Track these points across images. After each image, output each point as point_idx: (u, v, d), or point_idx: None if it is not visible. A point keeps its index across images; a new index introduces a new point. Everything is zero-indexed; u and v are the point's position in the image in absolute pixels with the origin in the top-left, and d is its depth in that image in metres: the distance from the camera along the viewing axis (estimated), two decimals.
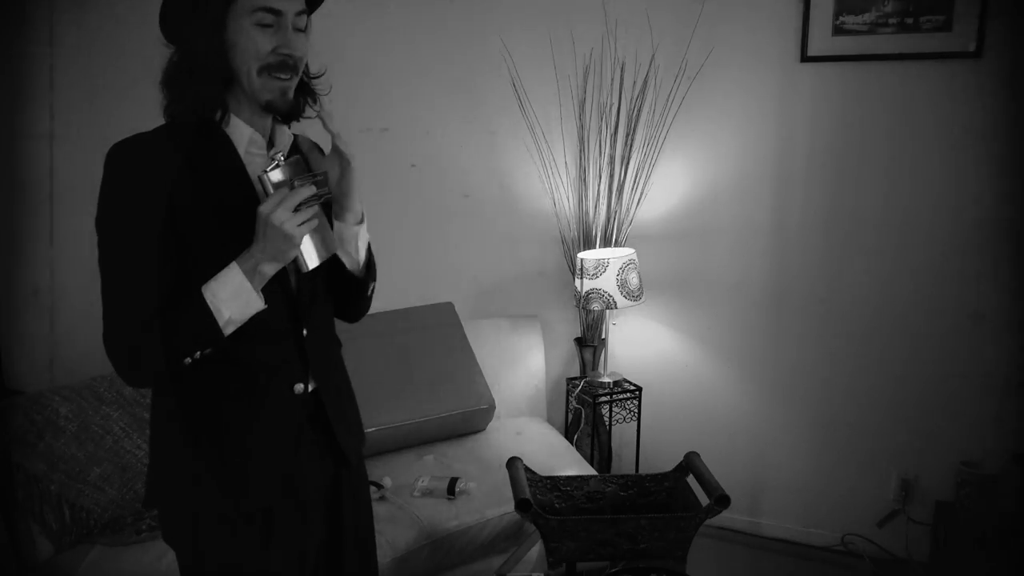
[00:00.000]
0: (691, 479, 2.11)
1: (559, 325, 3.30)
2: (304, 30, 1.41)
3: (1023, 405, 2.78)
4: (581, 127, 3.10)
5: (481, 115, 3.19)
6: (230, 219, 1.37)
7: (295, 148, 1.51)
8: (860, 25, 2.80)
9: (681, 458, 2.16)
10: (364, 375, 2.76)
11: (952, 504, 2.77)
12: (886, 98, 2.83)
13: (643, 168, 3.09)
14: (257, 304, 1.35)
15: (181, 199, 1.34)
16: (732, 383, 3.16)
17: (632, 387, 3.10)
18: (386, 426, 2.71)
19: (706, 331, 3.17)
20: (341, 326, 1.82)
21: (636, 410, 3.09)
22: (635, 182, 3.10)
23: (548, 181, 3.18)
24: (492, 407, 2.90)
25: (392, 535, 2.30)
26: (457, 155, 3.22)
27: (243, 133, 1.42)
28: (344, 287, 1.59)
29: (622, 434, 3.24)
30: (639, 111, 3.05)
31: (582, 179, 3.13)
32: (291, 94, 1.41)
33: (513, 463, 2.11)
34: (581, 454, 2.94)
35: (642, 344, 3.26)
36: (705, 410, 3.19)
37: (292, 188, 1.33)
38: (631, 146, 3.07)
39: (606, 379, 3.09)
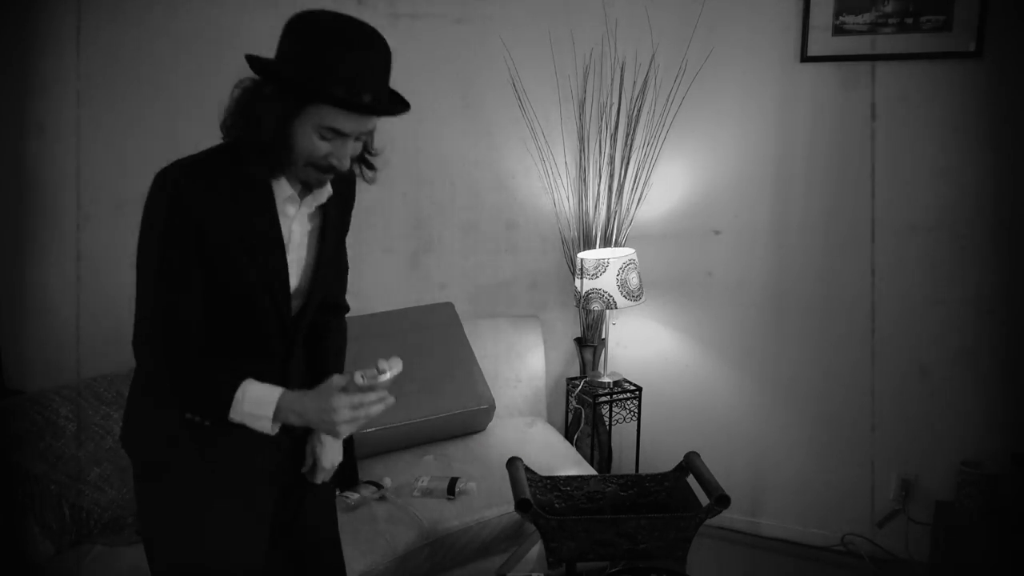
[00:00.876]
0: (691, 479, 2.11)
1: (559, 325, 3.30)
2: (368, 136, 1.54)
3: (1023, 405, 2.78)
4: (581, 127, 3.10)
5: (481, 115, 3.19)
6: (257, 261, 1.50)
7: (336, 195, 1.62)
8: (860, 25, 2.80)
9: (681, 458, 2.16)
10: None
11: (952, 504, 2.77)
12: (886, 98, 2.83)
13: (643, 168, 3.09)
14: (267, 430, 1.47)
15: (215, 234, 1.44)
16: (732, 383, 3.16)
17: (632, 387, 3.10)
18: (386, 426, 2.71)
19: (706, 331, 3.17)
20: None
21: (636, 410, 3.09)
22: (635, 182, 3.10)
23: (548, 181, 3.18)
24: (492, 407, 2.90)
25: (392, 535, 2.30)
26: (457, 155, 3.22)
27: (284, 190, 1.52)
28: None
29: (622, 434, 3.23)
30: (639, 111, 3.05)
31: (582, 179, 3.13)
32: (328, 181, 1.54)
33: (513, 463, 2.11)
34: (581, 454, 2.94)
35: (642, 344, 3.26)
36: (705, 410, 3.19)
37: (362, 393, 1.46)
38: (631, 146, 3.07)
39: (606, 379, 3.09)
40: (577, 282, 2.99)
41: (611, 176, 3.08)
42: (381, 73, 1.46)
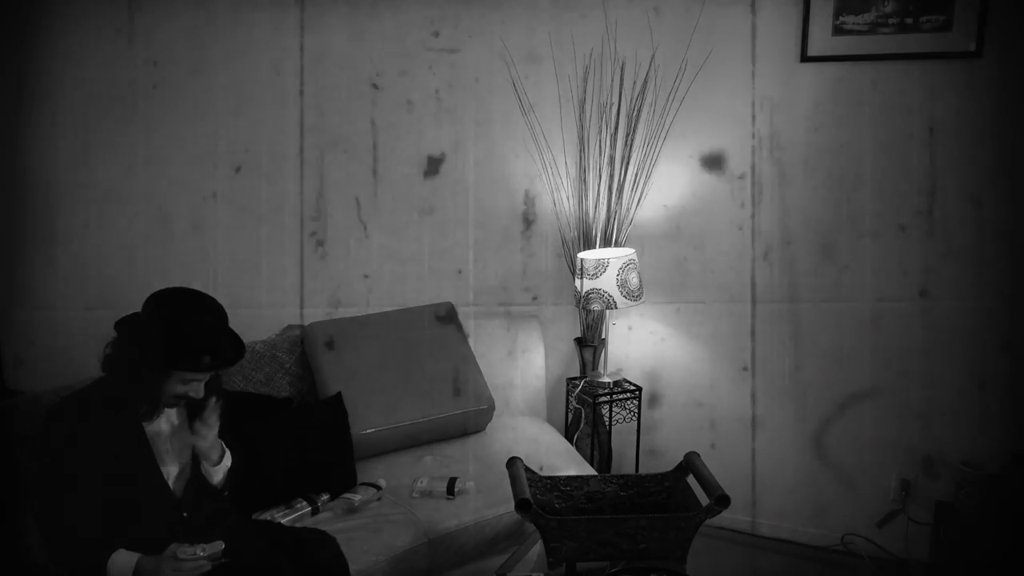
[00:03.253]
0: (691, 479, 2.11)
1: (559, 325, 3.30)
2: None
3: (1023, 405, 2.78)
4: (581, 127, 3.10)
5: (481, 115, 3.19)
6: (124, 479, 1.93)
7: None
8: (860, 25, 2.80)
9: (681, 458, 2.16)
10: (364, 375, 2.76)
11: (952, 504, 2.77)
12: (886, 98, 2.83)
13: (643, 168, 3.09)
14: None
15: (99, 453, 1.90)
16: (732, 383, 3.16)
17: (632, 387, 3.10)
18: (386, 427, 2.71)
19: (706, 331, 3.17)
20: (338, 327, 1.81)
21: (636, 410, 3.09)
22: (635, 182, 3.10)
23: (548, 181, 3.18)
24: (492, 407, 2.89)
25: (390, 534, 2.30)
26: (457, 155, 3.22)
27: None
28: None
29: (622, 434, 3.23)
30: (639, 111, 3.05)
31: (582, 179, 3.13)
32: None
33: (513, 463, 2.11)
34: (581, 454, 2.94)
35: (642, 344, 3.26)
36: (705, 410, 3.19)
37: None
38: (631, 146, 3.07)
39: (606, 379, 3.09)
40: (577, 282, 2.99)
41: (611, 176, 3.08)
42: (226, 344, 1.96)
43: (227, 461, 2.09)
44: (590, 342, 3.16)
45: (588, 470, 2.74)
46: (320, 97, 3.13)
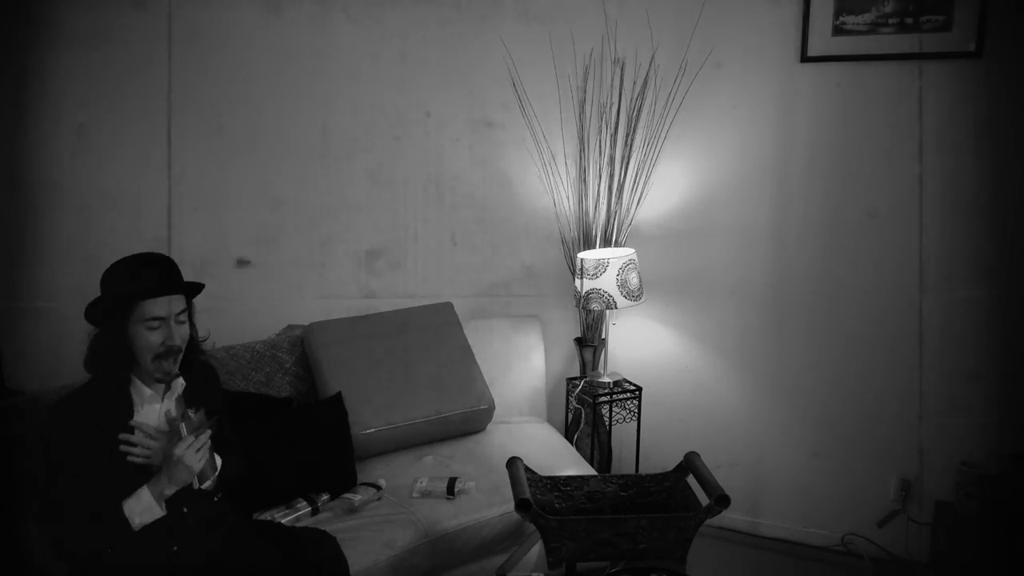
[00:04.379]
0: (691, 479, 2.11)
1: (559, 325, 3.30)
2: (186, 320, 1.98)
3: (1023, 405, 2.78)
4: (581, 127, 3.10)
5: (481, 115, 3.19)
6: (123, 464, 1.91)
7: (189, 386, 2.05)
8: (860, 25, 2.80)
9: (681, 458, 2.16)
10: (364, 375, 2.76)
11: (952, 504, 2.77)
12: (886, 98, 2.83)
13: (643, 168, 3.09)
14: (160, 514, 1.90)
15: (95, 448, 1.89)
16: (732, 383, 3.16)
17: (632, 387, 3.10)
18: (386, 426, 2.70)
19: (706, 331, 3.17)
20: (338, 327, 1.80)
21: (636, 410, 3.09)
22: (635, 182, 3.10)
23: (548, 181, 3.18)
24: (492, 407, 2.89)
25: (390, 534, 2.30)
26: (457, 155, 3.22)
27: (143, 393, 1.98)
28: None
29: (622, 434, 3.23)
30: (639, 111, 3.05)
31: (582, 179, 3.13)
32: (175, 368, 1.96)
33: (513, 463, 2.11)
34: (581, 454, 2.94)
35: (642, 344, 3.26)
36: (705, 410, 3.19)
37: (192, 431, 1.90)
38: (631, 146, 3.07)
39: (606, 379, 3.09)
40: (577, 282, 2.99)
41: (611, 176, 3.08)
42: (168, 268, 1.96)
43: (218, 466, 2.06)
44: (590, 342, 3.16)
45: (588, 470, 2.74)
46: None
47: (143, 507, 1.87)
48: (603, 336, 3.18)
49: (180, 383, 2.03)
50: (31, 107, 3.07)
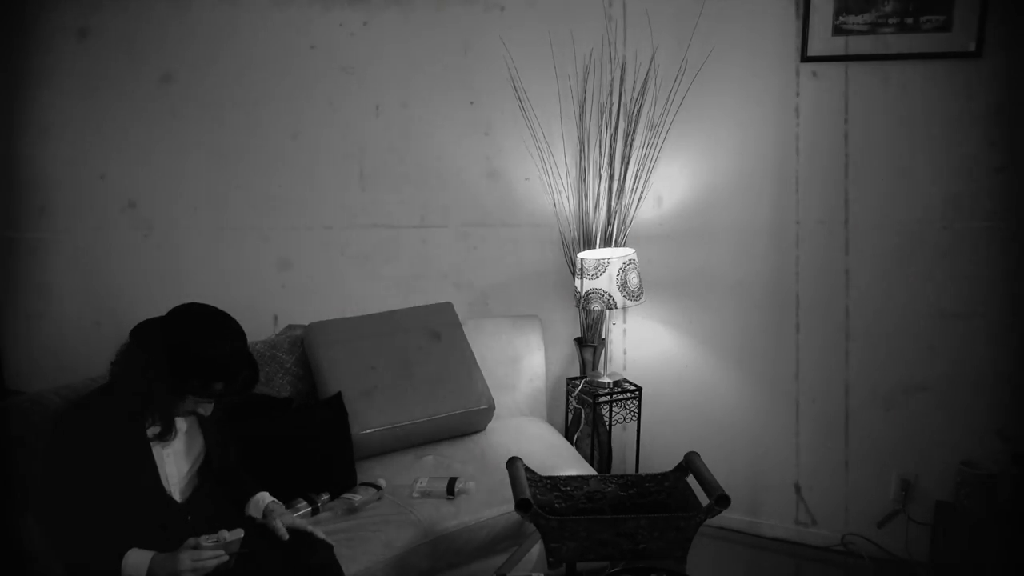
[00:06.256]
0: (691, 479, 2.11)
1: (559, 325, 3.30)
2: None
3: (1023, 405, 2.78)
4: (581, 127, 3.10)
5: (481, 115, 3.19)
6: (126, 486, 1.93)
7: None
8: (860, 25, 2.80)
9: (681, 458, 2.16)
10: (364, 375, 2.76)
11: (952, 504, 2.77)
12: (886, 98, 2.83)
13: (643, 168, 3.09)
14: None
15: (103, 469, 1.89)
16: (732, 383, 3.16)
17: (632, 387, 3.10)
18: (386, 426, 2.70)
19: (706, 331, 3.17)
20: (338, 327, 1.80)
21: (636, 410, 3.09)
22: (635, 182, 3.10)
23: (548, 181, 3.18)
24: (492, 407, 2.89)
25: (390, 534, 2.30)
26: (457, 155, 3.22)
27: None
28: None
29: (622, 434, 3.23)
30: (639, 111, 3.05)
31: (582, 179, 3.13)
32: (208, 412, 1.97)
33: (513, 463, 2.11)
34: (581, 454, 2.94)
35: (642, 344, 3.26)
36: (705, 410, 3.19)
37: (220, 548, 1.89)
38: (631, 146, 3.07)
39: (606, 379, 3.09)
40: (577, 282, 2.99)
41: (611, 176, 3.08)
42: (255, 376, 1.98)
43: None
44: (590, 342, 3.16)
45: (588, 470, 2.73)
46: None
47: (138, 563, 1.86)
48: (603, 336, 3.18)
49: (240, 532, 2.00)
50: (32, 104, 3.08)
